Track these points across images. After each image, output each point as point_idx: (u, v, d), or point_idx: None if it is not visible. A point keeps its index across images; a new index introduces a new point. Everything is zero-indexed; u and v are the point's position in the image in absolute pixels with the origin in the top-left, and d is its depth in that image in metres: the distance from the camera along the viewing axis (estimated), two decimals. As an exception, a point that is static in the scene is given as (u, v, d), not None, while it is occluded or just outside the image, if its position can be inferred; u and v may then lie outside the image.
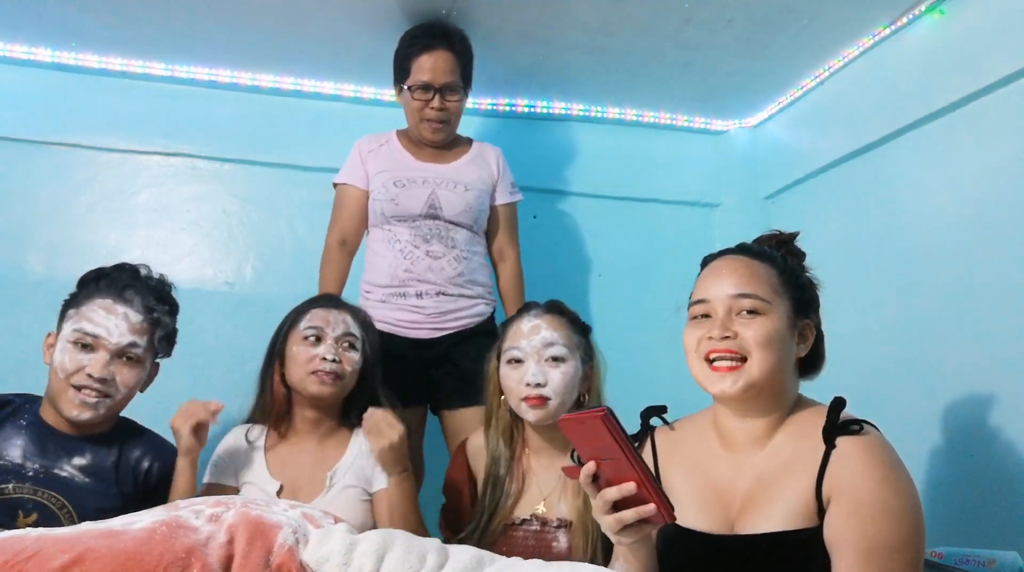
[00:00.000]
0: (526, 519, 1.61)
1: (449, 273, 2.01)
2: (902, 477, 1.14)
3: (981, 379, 1.86)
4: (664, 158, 2.89)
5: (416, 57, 2.03)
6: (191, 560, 1.04)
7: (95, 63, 2.42)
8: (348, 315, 1.70)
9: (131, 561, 1.00)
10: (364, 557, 1.11)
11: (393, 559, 1.12)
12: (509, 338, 1.65)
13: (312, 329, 1.65)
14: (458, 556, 1.17)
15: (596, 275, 2.74)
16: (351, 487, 1.62)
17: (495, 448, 1.67)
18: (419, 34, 2.06)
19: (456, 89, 2.06)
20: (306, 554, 1.12)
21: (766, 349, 1.20)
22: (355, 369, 1.66)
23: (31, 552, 0.98)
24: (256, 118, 2.55)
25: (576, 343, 1.63)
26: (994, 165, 1.89)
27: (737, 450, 1.27)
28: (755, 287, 1.24)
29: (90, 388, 1.50)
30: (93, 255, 2.42)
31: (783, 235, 1.36)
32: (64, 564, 0.97)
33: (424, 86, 2.02)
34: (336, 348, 1.64)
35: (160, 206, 2.49)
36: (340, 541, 1.13)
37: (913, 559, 1.10)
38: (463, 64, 2.08)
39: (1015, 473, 1.75)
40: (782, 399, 1.26)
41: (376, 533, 1.18)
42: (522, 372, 1.59)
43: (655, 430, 1.42)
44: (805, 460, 1.18)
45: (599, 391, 1.67)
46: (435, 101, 2.04)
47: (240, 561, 1.06)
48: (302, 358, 1.63)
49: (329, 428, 1.69)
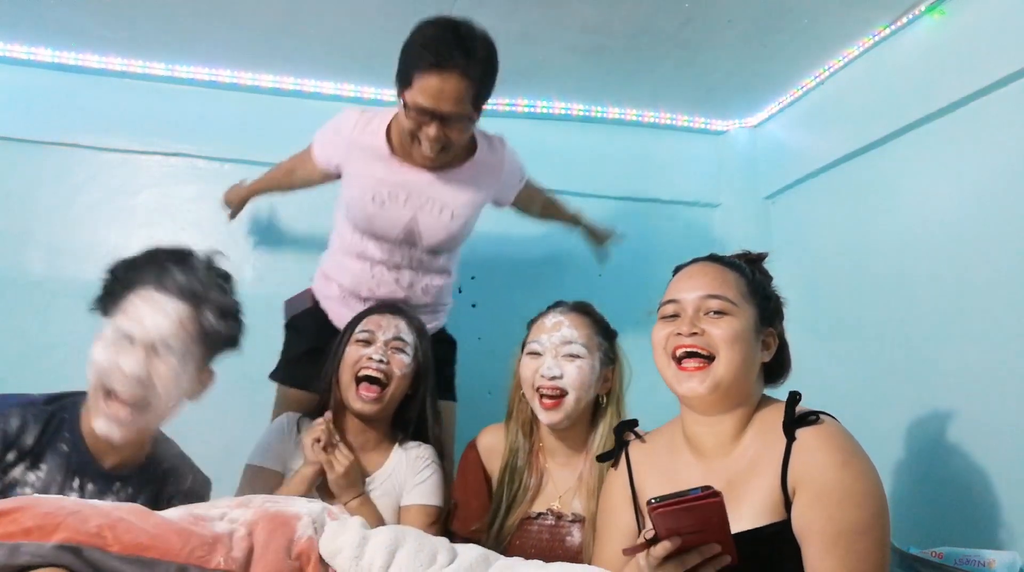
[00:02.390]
0: (542, 512, 1.64)
1: (413, 301, 1.95)
2: (862, 461, 1.18)
3: (981, 379, 1.86)
4: (664, 158, 2.89)
5: (421, 72, 1.64)
6: (216, 546, 1.08)
7: (95, 63, 2.42)
8: (403, 321, 1.73)
9: (159, 538, 1.06)
10: (376, 552, 1.13)
11: (404, 555, 1.14)
12: (532, 332, 1.68)
13: (365, 332, 1.70)
14: (465, 554, 1.20)
15: (596, 275, 2.74)
16: (385, 496, 1.66)
17: (514, 440, 1.69)
18: (432, 40, 1.65)
19: (462, 119, 1.71)
20: (320, 544, 1.14)
21: (732, 348, 1.25)
22: (404, 373, 1.69)
23: (71, 510, 1.04)
24: (256, 118, 2.56)
25: (597, 344, 1.65)
26: (994, 165, 1.89)
27: (707, 456, 1.31)
28: (724, 290, 1.30)
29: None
30: (93, 255, 2.42)
31: (752, 255, 1.43)
32: (99, 525, 1.03)
33: (421, 110, 1.67)
34: (385, 350, 1.67)
35: (160, 206, 2.49)
36: (354, 534, 1.15)
37: (878, 539, 1.14)
38: (478, 90, 1.70)
39: (1015, 473, 1.75)
40: (747, 400, 1.30)
41: (388, 529, 1.22)
42: (539, 364, 1.62)
43: (628, 444, 1.46)
44: (769, 456, 1.22)
45: (619, 396, 1.68)
46: (432, 128, 1.69)
47: (260, 551, 1.10)
48: (351, 358, 1.67)
49: (372, 439, 1.72)
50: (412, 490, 1.68)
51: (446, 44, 1.63)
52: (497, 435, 1.73)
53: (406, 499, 1.68)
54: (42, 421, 1.37)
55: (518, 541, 1.61)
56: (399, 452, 1.72)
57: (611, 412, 1.65)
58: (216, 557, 1.07)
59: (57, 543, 0.99)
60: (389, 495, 1.67)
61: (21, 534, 0.99)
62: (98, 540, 1.01)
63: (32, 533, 0.99)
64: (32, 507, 1.03)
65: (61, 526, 1.01)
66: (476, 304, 2.55)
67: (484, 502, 1.69)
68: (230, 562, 1.07)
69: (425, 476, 1.69)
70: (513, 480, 1.66)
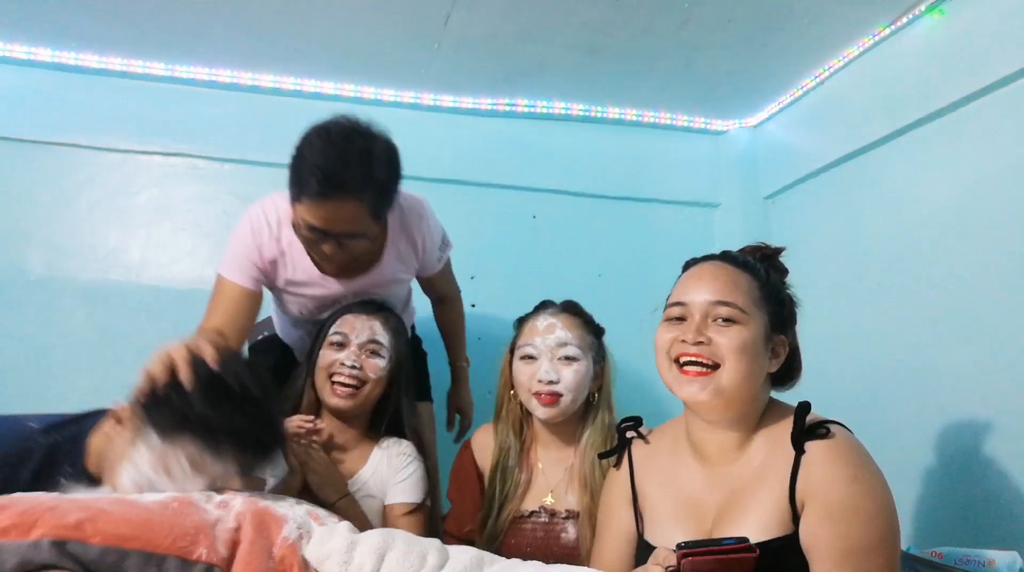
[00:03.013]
0: (535, 511, 1.64)
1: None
2: (873, 476, 1.14)
3: (980, 379, 1.86)
4: (664, 158, 2.89)
5: (307, 197, 1.51)
6: (199, 537, 1.07)
7: (95, 63, 2.42)
8: (377, 322, 1.68)
9: (142, 527, 1.04)
10: (365, 556, 1.12)
11: (394, 559, 1.13)
12: (524, 335, 1.67)
13: (338, 334, 1.66)
14: (458, 556, 1.19)
15: (596, 275, 2.74)
16: (370, 497, 1.65)
17: (504, 439, 1.69)
18: (321, 166, 1.48)
19: (361, 237, 1.60)
20: (308, 550, 1.14)
21: (739, 358, 1.19)
22: (380, 377, 1.66)
23: (48, 506, 1.03)
24: (256, 118, 2.55)
25: (589, 344, 1.66)
26: (993, 165, 1.89)
27: (710, 462, 1.28)
28: (735, 296, 1.23)
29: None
30: (93, 255, 2.42)
31: (768, 249, 1.35)
32: (79, 520, 1.01)
33: (312, 229, 1.55)
34: (359, 355, 1.64)
35: (160, 206, 2.49)
36: (342, 539, 1.14)
37: (889, 557, 1.10)
38: (375, 206, 1.56)
39: (1015, 473, 1.75)
40: (752, 407, 1.25)
41: (377, 532, 1.20)
42: (535, 368, 1.61)
43: (631, 443, 1.43)
44: (776, 468, 1.18)
45: (609, 391, 1.69)
46: (327, 246, 1.58)
47: (247, 548, 1.09)
48: (324, 362, 1.65)
49: (352, 438, 1.70)
50: (395, 488, 1.66)
51: (336, 171, 1.48)
52: (491, 434, 1.74)
53: (390, 498, 1.66)
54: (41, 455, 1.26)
55: (512, 540, 1.61)
56: (379, 452, 1.69)
57: (603, 407, 1.66)
58: (198, 548, 1.05)
59: (36, 540, 0.98)
60: (373, 496, 1.65)
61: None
62: (78, 533, 1.00)
63: (10, 532, 0.98)
64: (10, 505, 1.02)
65: (39, 521, 0.99)
66: (476, 304, 2.55)
67: (478, 502, 1.69)
68: (212, 554, 1.05)
69: (407, 473, 1.67)
70: (505, 479, 1.66)
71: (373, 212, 1.57)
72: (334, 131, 1.53)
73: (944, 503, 1.90)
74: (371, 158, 1.52)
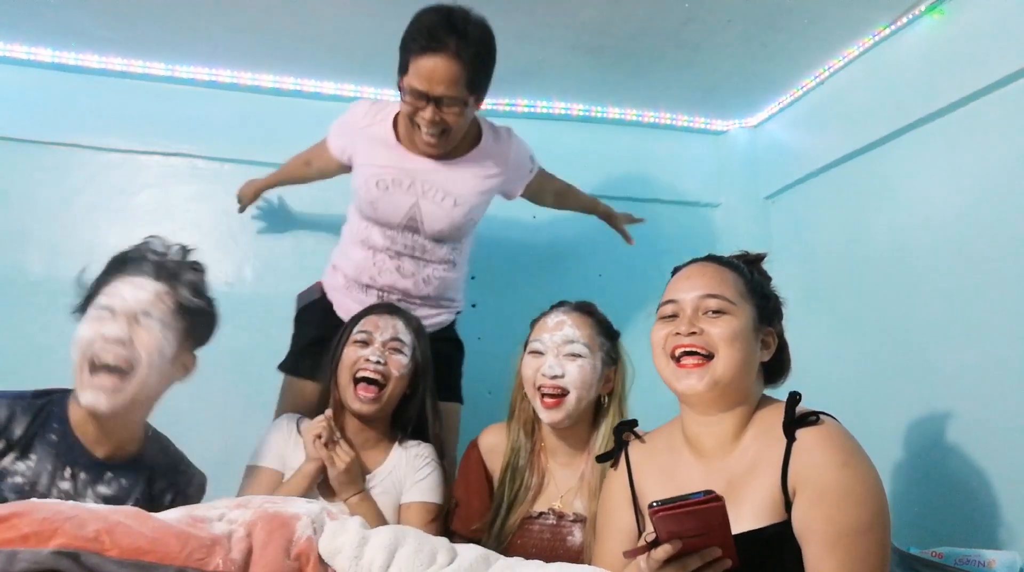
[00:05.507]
0: (543, 512, 1.64)
1: (414, 292, 1.97)
2: (862, 461, 1.18)
3: (981, 379, 1.86)
4: (664, 158, 2.89)
5: (415, 56, 1.70)
6: (215, 548, 1.08)
7: (95, 63, 2.42)
8: (400, 321, 1.74)
9: (158, 542, 1.05)
10: (376, 552, 1.13)
11: (404, 555, 1.14)
12: (535, 331, 1.69)
13: (363, 332, 1.70)
14: (465, 554, 1.20)
15: (596, 275, 2.74)
16: (386, 494, 1.67)
17: (516, 439, 1.70)
18: (425, 26, 1.70)
19: (456, 102, 1.74)
20: (320, 544, 1.14)
21: (732, 346, 1.26)
22: (402, 374, 1.70)
23: (68, 516, 1.05)
24: (256, 118, 2.56)
25: (599, 344, 1.65)
26: (994, 165, 1.89)
27: (707, 456, 1.31)
28: (722, 289, 1.31)
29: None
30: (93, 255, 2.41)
31: (750, 255, 1.44)
32: (97, 531, 1.03)
33: (416, 93, 1.73)
34: (382, 351, 1.68)
35: (160, 206, 2.49)
36: (353, 534, 1.15)
37: (879, 539, 1.14)
38: (471, 73, 1.72)
39: (1015, 473, 1.75)
40: (746, 399, 1.30)
41: (388, 529, 1.22)
42: (540, 362, 1.62)
43: (628, 445, 1.46)
44: (769, 457, 1.22)
45: (621, 396, 1.68)
46: (427, 111, 1.74)
47: (259, 551, 1.10)
48: (349, 359, 1.68)
49: (372, 438, 1.72)
50: (412, 488, 1.68)
51: (439, 28, 1.68)
52: (499, 435, 1.73)
53: (406, 497, 1.68)
54: (31, 413, 1.40)
55: (519, 540, 1.61)
56: (399, 451, 1.72)
57: (613, 412, 1.65)
58: (215, 559, 1.07)
59: (55, 549, 0.99)
60: (389, 493, 1.68)
61: (19, 540, 0.99)
62: (96, 545, 1.01)
63: (29, 539, 0.99)
64: (30, 512, 1.03)
65: (59, 531, 1.01)
66: (476, 304, 2.55)
67: (485, 502, 1.69)
68: (228, 563, 1.07)
69: (424, 474, 1.70)
70: (515, 479, 1.66)
71: (469, 79, 1.72)
72: (440, 6, 1.73)
73: (944, 503, 1.90)
74: (470, 24, 1.71)
